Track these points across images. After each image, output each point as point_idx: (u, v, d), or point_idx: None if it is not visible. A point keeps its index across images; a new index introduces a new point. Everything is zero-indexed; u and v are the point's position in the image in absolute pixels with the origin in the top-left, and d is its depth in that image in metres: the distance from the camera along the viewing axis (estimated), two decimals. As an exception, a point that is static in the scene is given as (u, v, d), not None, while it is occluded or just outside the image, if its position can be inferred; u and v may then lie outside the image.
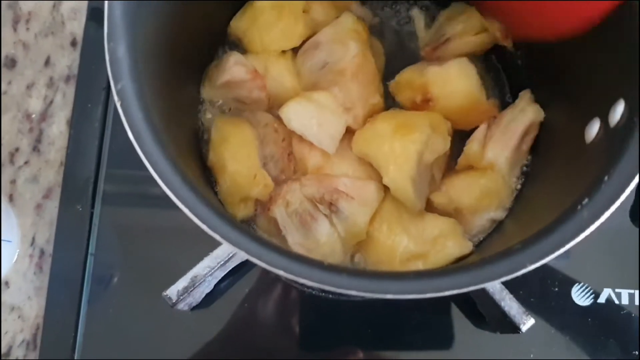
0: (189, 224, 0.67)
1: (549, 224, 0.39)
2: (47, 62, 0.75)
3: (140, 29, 0.42)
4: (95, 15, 0.74)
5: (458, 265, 0.39)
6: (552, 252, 0.38)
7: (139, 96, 0.40)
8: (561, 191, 0.46)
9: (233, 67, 0.62)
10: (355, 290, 0.37)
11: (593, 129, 0.46)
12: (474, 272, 0.38)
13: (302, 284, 0.67)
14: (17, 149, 0.72)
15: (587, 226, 0.38)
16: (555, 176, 0.52)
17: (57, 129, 0.73)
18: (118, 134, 0.71)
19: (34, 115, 0.73)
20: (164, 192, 0.69)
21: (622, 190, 0.38)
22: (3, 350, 0.67)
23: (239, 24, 0.64)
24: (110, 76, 0.40)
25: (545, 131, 0.58)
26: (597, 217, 0.38)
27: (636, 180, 0.39)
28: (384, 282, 0.38)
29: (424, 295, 0.37)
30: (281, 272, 0.37)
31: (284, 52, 0.63)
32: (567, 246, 0.38)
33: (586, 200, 0.39)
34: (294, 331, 0.67)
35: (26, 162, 0.72)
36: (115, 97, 0.39)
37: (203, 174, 0.60)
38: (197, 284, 0.58)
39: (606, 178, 0.40)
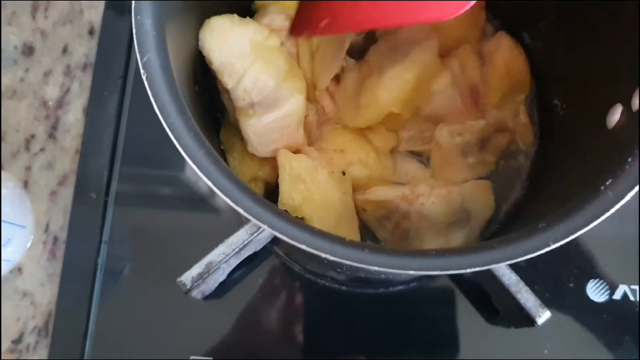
0: (204, 219, 0.69)
1: (573, 204, 0.39)
2: (64, 50, 0.75)
3: (166, 4, 0.42)
4: (113, 4, 0.75)
5: (482, 244, 0.39)
6: (576, 231, 0.38)
7: (164, 69, 0.40)
8: (583, 174, 0.45)
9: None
10: (376, 266, 0.37)
11: (615, 114, 0.46)
12: (498, 250, 0.38)
13: (316, 274, 0.67)
14: (33, 136, 0.72)
15: (612, 206, 0.38)
16: (575, 160, 0.52)
17: (73, 117, 0.73)
18: (134, 122, 0.72)
19: (50, 103, 0.73)
20: (178, 188, 0.71)
21: (647, 171, 0.38)
22: (15, 337, 0.67)
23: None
24: (136, 49, 0.40)
25: (563, 117, 0.58)
26: (622, 197, 0.38)
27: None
28: (406, 258, 0.38)
29: (447, 272, 0.37)
30: (303, 247, 0.37)
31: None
32: (591, 225, 0.38)
33: (610, 180, 0.39)
34: (303, 326, 0.67)
35: (42, 149, 0.72)
36: (142, 70, 0.39)
37: (220, 151, 0.60)
38: (211, 271, 0.58)
39: (630, 159, 0.39)
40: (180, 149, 0.39)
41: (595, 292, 0.67)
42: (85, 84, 0.74)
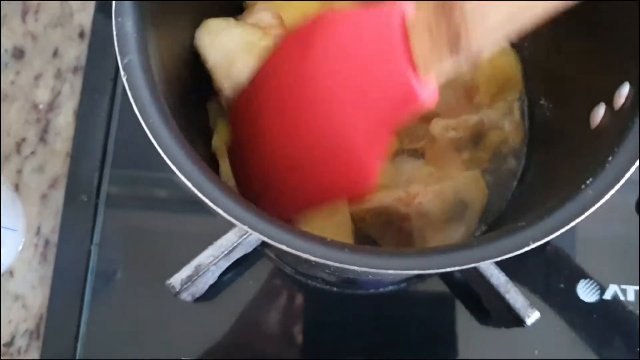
0: (195, 221, 0.69)
1: (553, 203, 0.39)
2: (55, 53, 0.75)
3: (147, 6, 0.42)
4: (103, 7, 0.75)
5: (462, 243, 0.39)
6: (556, 230, 0.38)
7: (146, 70, 0.40)
8: (566, 174, 0.45)
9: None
10: (356, 266, 0.37)
11: (598, 113, 0.46)
12: (477, 249, 0.38)
13: (307, 275, 0.67)
14: (23, 139, 0.72)
15: (592, 204, 0.38)
16: (561, 160, 0.52)
17: (64, 120, 0.73)
18: (125, 124, 0.72)
19: (41, 106, 0.73)
20: (169, 190, 0.71)
21: (627, 169, 0.38)
22: (6, 340, 0.67)
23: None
24: (117, 51, 0.40)
25: (550, 116, 0.58)
26: (602, 196, 0.38)
27: (639, 159, 0.39)
28: (385, 258, 0.38)
29: (425, 271, 0.37)
30: (283, 247, 0.37)
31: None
32: (571, 224, 0.38)
33: (590, 179, 0.39)
34: (294, 327, 0.67)
35: (32, 152, 0.72)
36: (122, 72, 0.39)
37: (209, 154, 0.60)
38: (200, 273, 0.58)
39: (610, 158, 0.39)
40: (159, 150, 0.39)
41: (586, 292, 0.67)
42: (76, 87, 0.74)
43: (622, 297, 0.67)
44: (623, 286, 0.67)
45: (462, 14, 0.34)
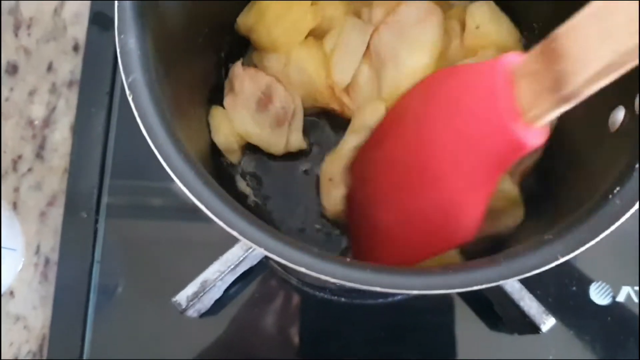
0: (196, 232, 0.68)
1: (580, 214, 0.38)
2: (49, 67, 0.74)
3: (150, 22, 0.41)
4: (97, 19, 0.73)
5: (487, 260, 0.37)
6: (586, 242, 0.37)
7: (150, 88, 0.38)
8: (589, 182, 0.44)
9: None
10: (379, 287, 0.36)
11: (618, 117, 0.45)
12: (504, 266, 0.37)
13: (313, 286, 0.66)
14: (20, 156, 0.71)
15: (621, 214, 0.37)
16: (581, 167, 0.51)
17: (61, 135, 0.72)
18: (122, 138, 0.70)
19: (36, 122, 0.72)
20: (170, 199, 0.70)
21: (655, 176, 0.37)
22: (9, 362, 0.66)
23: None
24: (121, 69, 0.39)
25: (563, 125, 0.57)
26: (631, 205, 0.37)
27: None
28: (410, 277, 0.37)
29: (452, 291, 0.36)
30: (303, 269, 0.36)
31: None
32: (601, 236, 0.37)
33: (618, 188, 0.38)
34: (302, 338, 0.66)
35: (29, 169, 0.71)
36: (127, 91, 0.38)
37: (217, 169, 0.59)
38: (207, 289, 0.57)
39: (637, 165, 0.38)
40: (169, 171, 0.38)
41: (599, 294, 0.66)
42: (72, 102, 0.72)
43: (635, 299, 0.66)
44: (636, 287, 0.66)
45: (566, 62, 0.35)
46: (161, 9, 0.43)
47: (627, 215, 0.37)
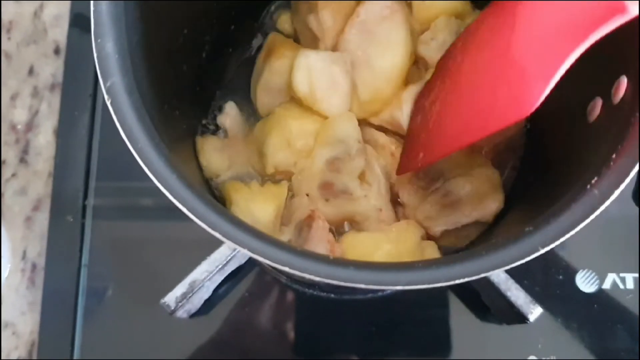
0: (183, 231, 0.68)
1: (559, 205, 0.38)
2: (30, 71, 0.73)
3: (128, 25, 0.41)
4: (78, 21, 0.73)
5: (469, 253, 0.38)
6: (565, 233, 0.37)
7: (130, 93, 0.38)
8: (568, 173, 0.45)
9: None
10: (363, 284, 0.36)
11: (596, 108, 0.45)
12: (485, 258, 0.37)
13: (303, 284, 0.66)
14: (3, 162, 0.70)
15: (599, 205, 0.37)
16: (556, 160, 0.51)
17: (44, 139, 0.71)
18: (106, 140, 0.70)
19: (19, 126, 0.72)
20: (156, 199, 0.70)
21: (632, 166, 0.37)
22: (-2, 369, 0.66)
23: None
24: (99, 74, 0.38)
25: (542, 115, 0.57)
26: (609, 195, 0.37)
27: (645, 156, 0.38)
28: (393, 273, 0.37)
29: (435, 285, 0.36)
30: (286, 269, 0.36)
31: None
32: (580, 226, 0.37)
33: (595, 178, 0.38)
34: (294, 336, 0.66)
35: (13, 175, 0.70)
36: (106, 95, 0.38)
37: (200, 172, 0.59)
38: (195, 290, 0.57)
39: (614, 155, 0.39)
40: (150, 175, 0.38)
41: (585, 282, 0.66)
42: (54, 105, 0.72)
43: (621, 286, 0.66)
44: (622, 274, 0.66)
45: None
46: (139, 11, 0.43)
47: (605, 205, 0.37)
